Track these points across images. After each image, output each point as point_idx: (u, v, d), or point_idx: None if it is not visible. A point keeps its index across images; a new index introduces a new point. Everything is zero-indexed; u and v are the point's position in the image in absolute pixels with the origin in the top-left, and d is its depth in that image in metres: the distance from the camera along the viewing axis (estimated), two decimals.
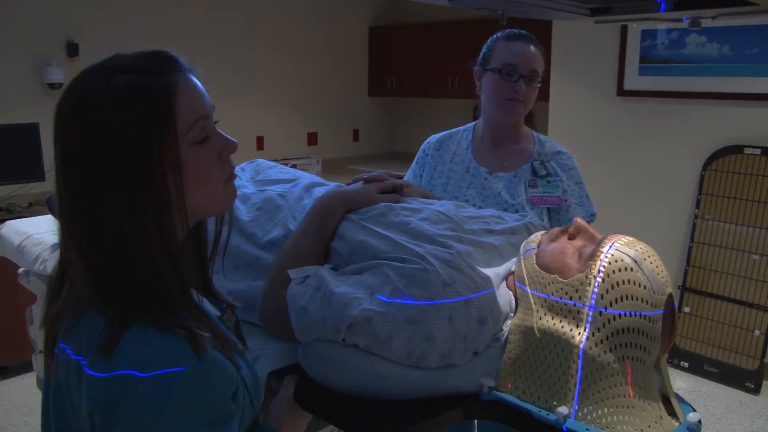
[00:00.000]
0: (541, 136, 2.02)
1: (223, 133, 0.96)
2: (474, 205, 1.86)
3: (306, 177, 1.68)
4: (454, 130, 2.09)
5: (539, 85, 1.88)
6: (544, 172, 1.91)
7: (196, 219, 0.94)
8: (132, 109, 0.83)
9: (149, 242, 0.84)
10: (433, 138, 2.09)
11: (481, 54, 1.94)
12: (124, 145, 0.82)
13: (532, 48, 1.85)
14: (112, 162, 0.82)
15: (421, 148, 2.11)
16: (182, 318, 0.84)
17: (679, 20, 1.52)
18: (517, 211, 1.82)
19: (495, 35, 1.93)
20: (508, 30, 1.89)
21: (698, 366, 3.79)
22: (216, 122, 0.96)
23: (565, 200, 1.90)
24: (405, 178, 2.06)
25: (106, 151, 0.82)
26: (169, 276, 0.86)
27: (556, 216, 1.90)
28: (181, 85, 0.89)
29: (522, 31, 1.89)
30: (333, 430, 1.66)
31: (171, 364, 0.79)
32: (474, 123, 2.07)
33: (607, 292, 1.07)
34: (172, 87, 0.87)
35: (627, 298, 1.06)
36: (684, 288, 3.87)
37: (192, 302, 0.90)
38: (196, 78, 0.94)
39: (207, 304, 0.99)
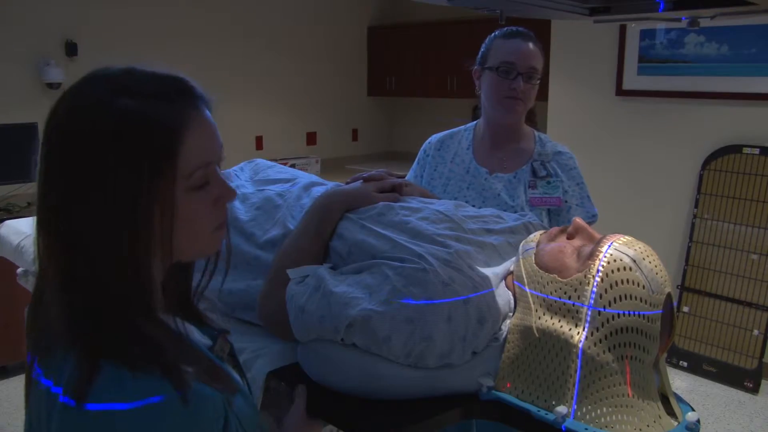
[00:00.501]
0: (543, 136, 2.00)
1: (223, 177, 0.86)
2: (474, 206, 1.86)
3: (305, 176, 1.68)
4: (455, 129, 2.08)
5: (538, 82, 1.87)
6: (543, 173, 1.89)
7: (175, 259, 0.84)
8: (131, 139, 0.75)
9: (122, 269, 0.77)
10: (434, 138, 2.08)
11: (480, 53, 1.93)
12: (113, 175, 0.75)
13: (530, 45, 1.84)
14: (96, 186, 0.75)
15: (422, 148, 2.10)
16: (160, 352, 0.77)
17: (678, 20, 1.52)
18: (516, 212, 1.81)
19: (493, 33, 1.92)
20: (505, 28, 1.87)
21: (697, 365, 3.80)
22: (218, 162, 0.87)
23: (566, 201, 1.88)
24: (406, 179, 2.06)
25: (92, 173, 0.75)
26: (141, 305, 0.79)
27: (556, 217, 1.88)
28: (193, 123, 0.80)
29: (519, 29, 1.87)
30: (332, 429, 1.66)
31: (149, 400, 0.72)
32: (475, 123, 2.05)
33: (605, 291, 1.07)
34: (182, 124, 0.79)
35: (626, 298, 1.06)
36: (683, 287, 3.87)
37: (172, 333, 0.82)
38: (211, 112, 0.85)
39: (196, 333, 0.92)
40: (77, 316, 0.77)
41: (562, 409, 1.05)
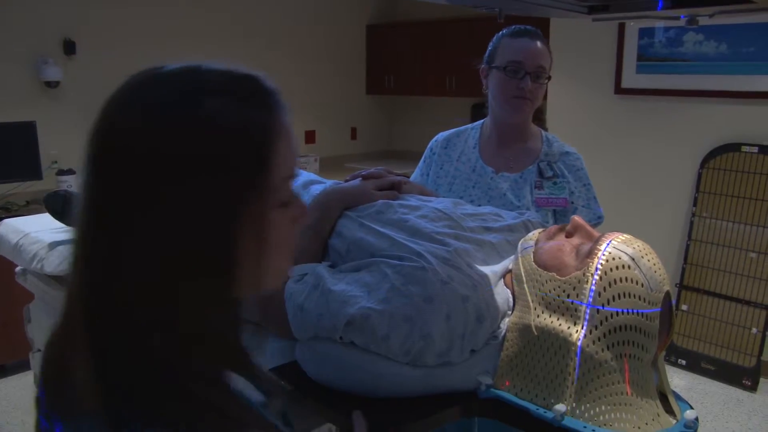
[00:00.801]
0: (550, 136, 1.98)
1: (298, 195, 0.74)
2: (479, 205, 1.84)
3: (303, 175, 1.68)
4: (461, 128, 2.06)
5: (547, 81, 1.85)
6: (550, 174, 1.87)
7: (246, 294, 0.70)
8: (224, 146, 0.63)
9: (207, 308, 0.63)
10: (441, 136, 2.06)
11: (487, 51, 1.91)
12: (203, 188, 0.61)
13: (538, 44, 1.82)
14: (178, 206, 0.61)
15: (428, 146, 2.08)
16: (221, 417, 0.62)
17: (677, 18, 1.52)
18: (522, 214, 1.80)
19: (500, 32, 1.89)
20: (513, 26, 1.86)
21: (696, 364, 3.80)
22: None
23: (572, 202, 1.87)
24: (413, 177, 2.05)
25: (175, 190, 0.61)
26: (219, 356, 0.66)
27: (562, 218, 1.86)
28: (282, 128, 0.68)
29: (527, 27, 1.85)
30: (331, 428, 1.66)
31: None
32: (482, 121, 2.03)
33: (604, 289, 1.07)
34: (274, 129, 0.67)
35: (624, 296, 1.06)
36: (681, 286, 3.88)
37: (230, 393, 0.67)
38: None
39: (249, 389, 0.74)
40: (114, 367, 0.61)
41: (560, 407, 1.05)
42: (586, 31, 4.12)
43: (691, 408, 1.12)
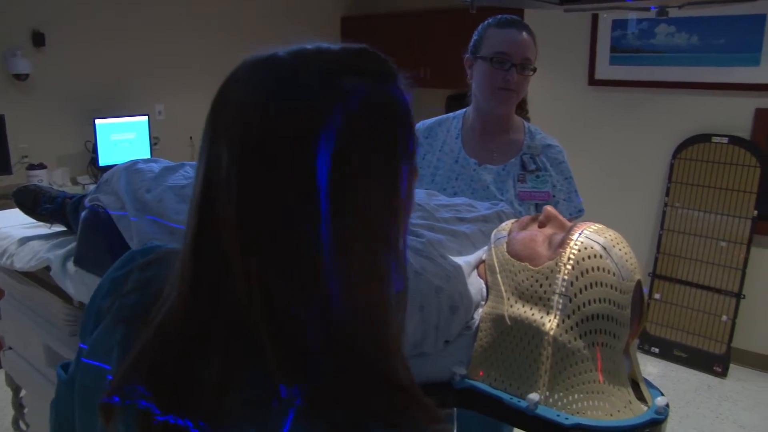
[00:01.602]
0: (533, 128, 1.97)
1: None
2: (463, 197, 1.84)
3: None
4: (443, 116, 2.03)
5: (532, 73, 1.84)
6: (533, 167, 1.86)
7: None
8: (386, 125, 0.63)
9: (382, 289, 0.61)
10: (422, 125, 2.03)
11: (472, 41, 1.88)
12: (380, 169, 0.61)
13: (525, 35, 1.80)
14: (363, 192, 0.60)
15: None
16: (428, 413, 0.61)
17: (647, 9, 1.53)
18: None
19: (486, 21, 1.86)
20: (499, 16, 1.83)
21: (668, 351, 3.85)
22: None
23: (554, 196, 1.86)
24: None
25: (356, 175, 0.60)
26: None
27: None
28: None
29: (513, 17, 1.82)
30: None
31: None
32: (464, 110, 2.01)
33: (576, 279, 1.07)
34: (407, 100, 0.67)
35: (596, 285, 1.07)
36: (654, 275, 3.93)
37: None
38: None
39: None
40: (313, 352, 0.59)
41: (534, 396, 1.05)
42: (561, 22, 4.14)
43: (662, 395, 1.13)
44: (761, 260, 3.61)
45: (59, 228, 1.89)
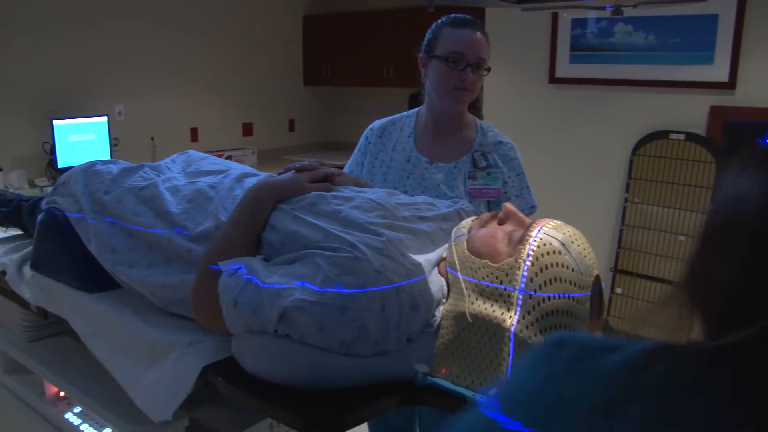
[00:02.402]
0: (485, 125, 1.98)
1: None
2: (414, 196, 1.84)
3: (237, 167, 1.65)
4: (397, 116, 2.04)
5: (486, 72, 1.84)
6: (484, 164, 1.87)
7: None
8: None
9: None
10: (376, 124, 2.03)
11: (426, 40, 1.88)
12: None
13: (479, 35, 1.80)
14: None
15: (363, 134, 2.05)
16: None
17: (602, 8, 1.55)
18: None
19: (440, 20, 1.86)
20: (453, 15, 1.84)
21: None
22: None
23: (505, 192, 1.87)
24: (347, 167, 2.03)
25: None
26: None
27: (496, 208, 1.83)
28: None
29: (467, 17, 1.82)
30: (272, 423, 1.65)
31: None
32: (417, 109, 2.01)
33: (536, 275, 1.08)
34: None
35: (555, 281, 1.08)
36: (616, 270, 3.99)
37: None
38: None
39: None
40: None
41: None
42: (521, 21, 4.18)
43: None
44: None
45: (15, 232, 1.85)
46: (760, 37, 3.43)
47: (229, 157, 4.83)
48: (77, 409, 1.74)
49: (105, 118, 4.54)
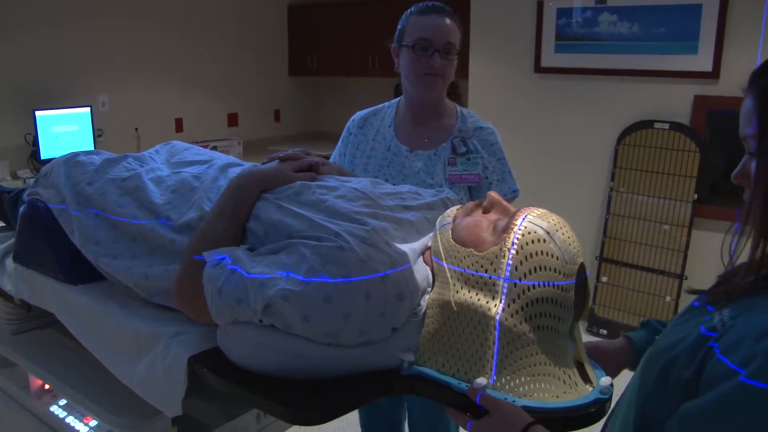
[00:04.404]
0: (465, 111, 1.98)
1: None
2: (394, 184, 1.84)
3: (221, 158, 1.65)
4: (378, 106, 2.05)
5: (456, 57, 1.84)
6: (463, 150, 1.87)
7: None
8: None
9: None
10: (358, 115, 2.04)
11: (397, 30, 1.89)
12: None
13: (447, 20, 1.81)
14: None
15: (346, 126, 2.06)
16: None
17: None
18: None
19: (408, 10, 1.88)
20: (421, 3, 1.85)
21: (615, 333, 3.94)
22: None
23: (486, 177, 1.87)
24: (332, 158, 2.03)
25: None
26: None
27: (477, 194, 1.87)
28: None
29: (435, 4, 1.84)
30: (259, 413, 1.64)
31: None
32: (398, 99, 2.02)
33: (521, 263, 1.08)
34: None
35: (540, 269, 1.08)
36: (601, 258, 4.01)
37: None
38: None
39: None
40: None
41: (481, 380, 1.06)
42: (507, 11, 4.18)
43: (606, 375, 1.16)
44: (701, 242, 3.72)
45: None
46: (743, 27, 3.44)
47: (214, 148, 4.80)
48: (62, 402, 1.74)
49: (88, 109, 4.50)
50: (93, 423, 1.63)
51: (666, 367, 0.88)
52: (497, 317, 1.08)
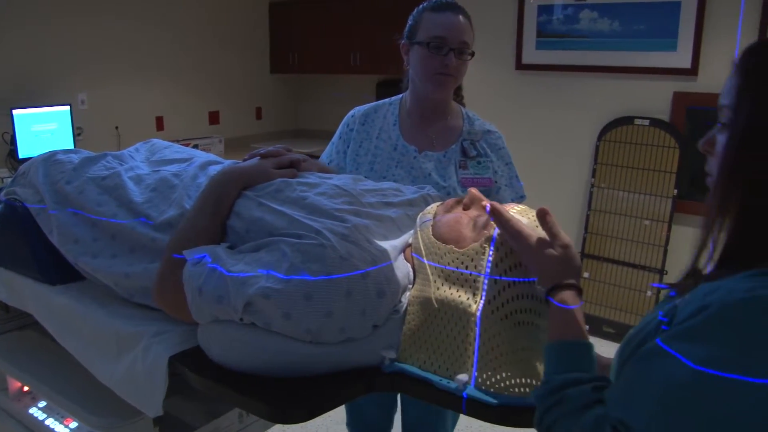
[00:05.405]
0: (470, 113, 1.95)
1: None
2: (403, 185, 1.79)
3: (201, 155, 1.64)
4: (379, 102, 1.99)
5: (470, 57, 1.80)
6: (474, 153, 1.84)
7: None
8: None
9: None
10: (357, 111, 1.97)
11: (408, 26, 1.83)
12: None
13: (461, 18, 1.76)
14: None
15: (344, 122, 1.98)
16: None
17: None
18: (449, 194, 1.75)
19: (421, 6, 1.82)
20: (434, 0, 1.80)
21: (597, 327, 3.97)
22: None
23: (495, 182, 1.84)
24: (326, 154, 1.98)
25: None
26: None
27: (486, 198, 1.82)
28: None
29: (449, 1, 1.79)
30: (241, 412, 1.64)
31: None
32: (400, 97, 1.96)
33: (501, 260, 1.09)
34: None
35: (520, 266, 1.09)
36: (583, 254, 4.03)
37: None
38: None
39: None
40: None
41: (463, 376, 1.07)
42: (488, 8, 4.19)
43: None
44: (681, 237, 3.75)
45: None
46: (720, 25, 3.48)
47: (196, 146, 4.78)
48: (42, 404, 1.72)
49: (68, 107, 4.45)
50: (73, 425, 1.62)
51: (627, 352, 0.89)
52: (478, 313, 1.08)
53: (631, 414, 0.78)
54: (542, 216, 1.04)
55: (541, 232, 1.10)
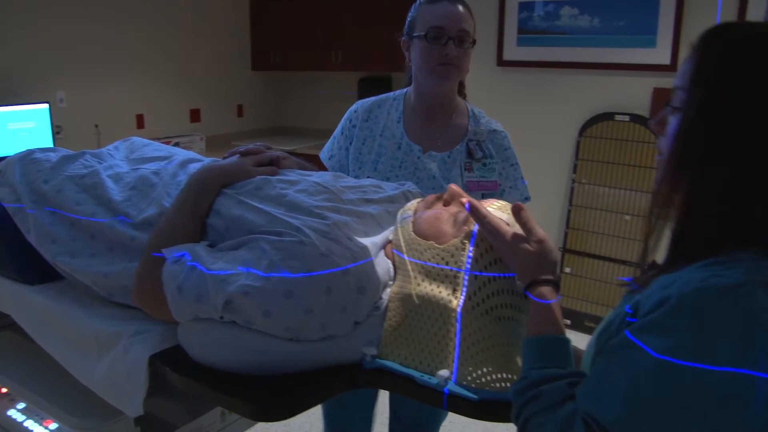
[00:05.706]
0: (476, 110, 1.90)
1: None
2: None
3: (181, 153, 1.62)
4: (383, 96, 1.93)
5: (471, 46, 1.76)
6: (480, 155, 1.79)
7: None
8: None
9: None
10: (360, 106, 1.91)
11: (407, 23, 1.80)
12: None
13: (459, 7, 1.73)
14: None
15: (345, 117, 1.92)
16: None
17: None
18: None
19: (418, 1, 1.78)
20: None
21: (579, 322, 4.00)
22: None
23: (500, 184, 1.80)
24: (326, 149, 1.95)
25: None
26: None
27: None
28: None
29: None
30: (223, 411, 1.63)
31: None
32: (404, 91, 1.91)
33: (481, 256, 1.09)
34: None
35: (500, 261, 1.09)
36: (565, 250, 4.06)
37: None
38: None
39: None
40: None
41: (444, 372, 1.07)
42: (469, 4, 4.18)
43: None
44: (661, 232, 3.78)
45: None
46: (699, 21, 3.50)
47: (177, 144, 4.74)
48: (21, 405, 1.70)
49: (46, 106, 4.40)
50: (53, 426, 1.60)
51: (597, 347, 0.91)
52: (458, 309, 1.08)
53: (600, 407, 0.79)
54: (517, 212, 1.05)
55: (519, 228, 1.11)
